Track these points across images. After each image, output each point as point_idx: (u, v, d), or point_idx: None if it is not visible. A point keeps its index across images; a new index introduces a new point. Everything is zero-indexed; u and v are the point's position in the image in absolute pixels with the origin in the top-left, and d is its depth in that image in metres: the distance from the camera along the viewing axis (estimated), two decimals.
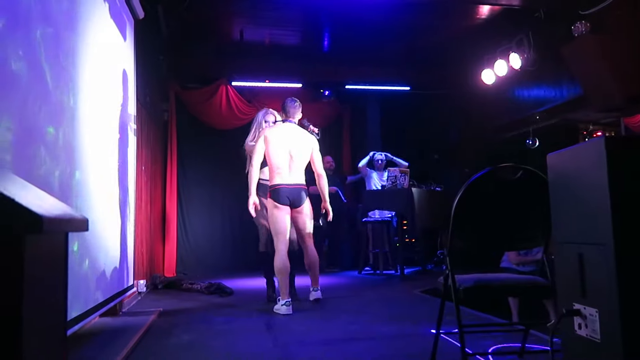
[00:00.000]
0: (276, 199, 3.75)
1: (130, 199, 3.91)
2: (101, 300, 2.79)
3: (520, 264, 4.62)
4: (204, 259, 6.91)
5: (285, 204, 3.75)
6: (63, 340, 0.88)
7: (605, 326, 1.50)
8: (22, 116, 1.79)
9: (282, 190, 3.74)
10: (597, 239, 1.55)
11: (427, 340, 2.34)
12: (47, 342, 0.77)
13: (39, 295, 0.67)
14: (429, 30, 6.16)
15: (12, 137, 1.69)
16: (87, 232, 2.56)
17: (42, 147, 1.96)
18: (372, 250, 6.44)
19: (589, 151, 1.62)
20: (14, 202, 0.56)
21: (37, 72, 1.95)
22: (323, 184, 3.99)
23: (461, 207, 2.07)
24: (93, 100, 2.78)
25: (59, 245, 0.78)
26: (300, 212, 3.83)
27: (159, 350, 2.58)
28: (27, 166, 1.80)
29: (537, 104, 5.94)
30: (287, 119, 3.92)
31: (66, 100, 2.30)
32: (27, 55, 1.84)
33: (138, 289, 4.35)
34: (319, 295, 3.94)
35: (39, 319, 0.70)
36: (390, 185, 6.05)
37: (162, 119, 6.69)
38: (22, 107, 1.80)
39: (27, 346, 0.63)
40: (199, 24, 5.88)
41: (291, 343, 2.72)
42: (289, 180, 3.78)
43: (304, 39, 6.58)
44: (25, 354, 0.63)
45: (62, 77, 2.25)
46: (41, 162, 1.94)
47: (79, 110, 2.49)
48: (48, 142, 2.04)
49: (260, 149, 3.79)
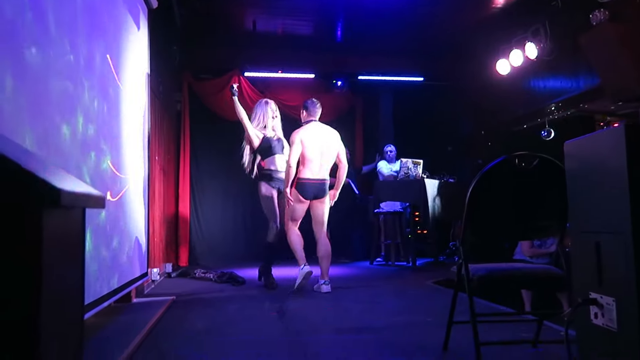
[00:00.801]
0: (302, 193, 4.08)
1: (144, 187, 3.94)
2: (116, 286, 2.82)
3: (533, 256, 4.58)
4: (216, 248, 6.96)
5: (308, 199, 4.11)
6: (80, 320, 0.89)
7: (622, 315, 1.48)
8: (39, 106, 1.81)
9: (309, 186, 4.09)
10: (615, 228, 1.52)
11: (439, 330, 2.33)
12: (64, 323, 0.77)
13: (56, 273, 0.68)
14: (443, 19, 6.09)
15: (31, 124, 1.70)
16: (104, 220, 2.59)
17: (59, 138, 1.98)
18: (384, 242, 6.44)
19: (608, 139, 1.59)
20: (33, 175, 0.56)
21: (51, 59, 1.96)
22: (342, 174, 4.28)
23: (476, 196, 2.05)
24: (108, 89, 2.80)
25: (77, 222, 0.78)
26: (321, 202, 4.15)
27: (172, 337, 2.61)
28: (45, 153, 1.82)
29: (553, 94, 5.85)
30: (311, 119, 4.24)
31: (81, 90, 2.31)
32: (40, 42, 1.85)
33: (152, 277, 4.40)
34: (328, 289, 3.99)
35: (56, 297, 0.71)
36: (403, 176, 6.02)
37: (175, 109, 6.72)
38: (39, 98, 1.81)
39: (45, 325, 0.63)
40: (212, 14, 5.88)
41: (303, 332, 2.73)
42: (318, 175, 4.11)
43: (317, 29, 6.55)
44: (43, 333, 0.64)
45: (79, 67, 2.26)
46: (59, 151, 1.96)
47: (95, 101, 2.51)
48: (64, 129, 2.06)
49: (297, 151, 4.06)
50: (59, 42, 2.02)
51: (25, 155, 0.71)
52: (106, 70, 2.78)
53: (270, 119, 4.45)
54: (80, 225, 0.80)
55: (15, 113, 1.59)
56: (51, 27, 1.94)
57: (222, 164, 7.09)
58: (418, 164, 6.06)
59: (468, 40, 6.54)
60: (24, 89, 1.68)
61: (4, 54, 1.53)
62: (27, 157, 0.70)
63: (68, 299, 0.79)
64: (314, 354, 2.26)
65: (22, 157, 0.63)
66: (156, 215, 4.95)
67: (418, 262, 5.90)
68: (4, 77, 1.51)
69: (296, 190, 4.09)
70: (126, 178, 3.23)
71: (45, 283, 0.61)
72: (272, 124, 4.46)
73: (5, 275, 0.59)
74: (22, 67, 1.67)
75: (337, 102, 7.40)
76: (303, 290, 4.07)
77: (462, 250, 2.12)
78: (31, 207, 0.58)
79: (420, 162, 6.08)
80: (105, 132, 2.73)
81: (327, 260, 4.08)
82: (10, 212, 0.58)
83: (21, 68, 1.67)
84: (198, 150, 7.05)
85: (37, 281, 0.59)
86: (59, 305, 0.72)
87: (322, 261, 4.07)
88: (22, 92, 1.67)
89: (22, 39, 1.68)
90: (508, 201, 2.13)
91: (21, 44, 1.67)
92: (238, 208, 7.20)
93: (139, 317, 3.01)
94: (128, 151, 3.31)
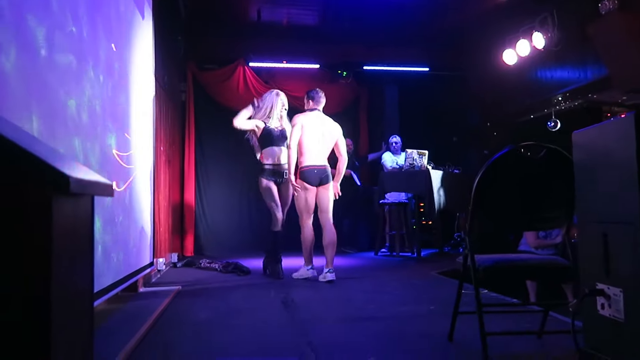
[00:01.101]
0: (307, 180, 4.13)
1: (149, 177, 3.95)
2: (122, 275, 2.84)
3: (539, 247, 4.56)
4: (221, 238, 6.98)
5: (314, 185, 4.14)
6: (89, 308, 0.90)
7: (630, 306, 1.48)
8: (46, 94, 1.81)
9: (313, 172, 4.13)
10: (623, 218, 1.51)
11: (444, 321, 2.33)
12: (74, 310, 0.78)
13: (66, 260, 0.68)
14: (449, 9, 6.03)
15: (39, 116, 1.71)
16: (110, 209, 2.60)
17: (68, 123, 1.98)
18: (389, 232, 6.44)
19: (617, 128, 1.57)
20: (43, 162, 0.56)
21: (59, 48, 1.96)
22: (342, 166, 4.33)
23: (482, 187, 2.04)
24: (114, 79, 2.79)
25: (86, 209, 0.78)
26: (326, 189, 4.20)
27: (178, 327, 2.63)
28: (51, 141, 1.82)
29: (560, 85, 5.80)
30: (315, 107, 4.26)
31: (90, 76, 2.31)
32: (49, 33, 1.84)
33: (157, 267, 4.43)
34: (333, 277, 4.01)
35: (66, 285, 0.71)
36: (408, 167, 6.01)
37: (180, 99, 6.72)
38: (45, 84, 1.81)
39: (56, 313, 0.64)
40: (216, 4, 5.85)
41: (309, 321, 2.74)
42: (318, 162, 4.15)
43: (322, 19, 6.50)
44: (54, 321, 0.64)
45: (85, 53, 2.26)
46: (66, 139, 1.97)
47: (102, 88, 2.51)
48: (69, 115, 2.06)
49: (297, 134, 4.11)
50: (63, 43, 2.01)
51: (33, 142, 0.71)
52: (111, 59, 2.78)
53: (279, 111, 4.44)
54: (89, 212, 0.80)
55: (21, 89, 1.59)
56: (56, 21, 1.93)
57: (227, 154, 7.09)
58: (423, 154, 6.03)
59: (474, 30, 6.48)
60: (28, 65, 1.68)
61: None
62: (35, 144, 0.70)
63: (77, 286, 0.79)
64: (319, 343, 2.27)
65: (30, 143, 0.63)
66: (161, 205, 4.96)
67: (423, 252, 5.90)
68: (8, 49, 1.51)
69: (301, 180, 4.13)
70: (132, 168, 3.23)
71: (54, 271, 0.61)
72: (279, 115, 4.45)
73: (15, 264, 0.59)
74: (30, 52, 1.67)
75: (342, 93, 7.37)
76: (309, 280, 4.09)
77: (468, 240, 2.12)
78: (41, 195, 0.58)
79: (425, 153, 6.06)
80: (110, 119, 2.73)
81: (332, 249, 4.12)
82: (20, 200, 0.58)
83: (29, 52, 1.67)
84: (203, 140, 7.05)
85: (47, 270, 0.59)
86: (69, 292, 0.72)
87: (327, 249, 4.11)
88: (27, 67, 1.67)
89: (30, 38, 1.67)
90: (514, 192, 2.12)
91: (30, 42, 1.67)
92: (243, 198, 7.21)
93: (145, 306, 3.03)
94: (134, 141, 3.31)
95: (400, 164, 6.31)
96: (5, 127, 0.64)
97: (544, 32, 5.65)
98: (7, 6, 1.50)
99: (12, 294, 0.59)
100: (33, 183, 0.58)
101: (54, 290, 0.60)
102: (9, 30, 1.52)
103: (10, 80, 1.49)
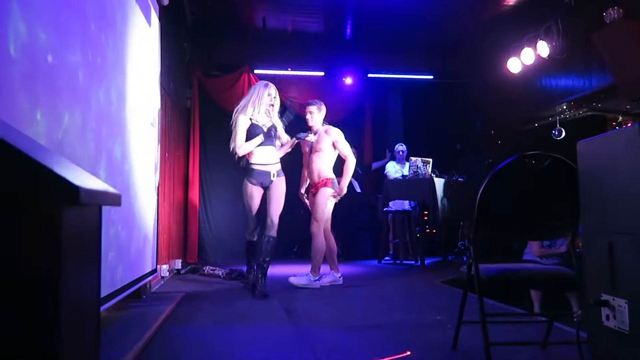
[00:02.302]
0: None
1: (154, 184, 3.96)
2: (126, 282, 2.84)
3: (543, 256, 4.54)
4: (225, 245, 6.98)
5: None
6: (96, 315, 0.90)
7: (635, 317, 1.47)
8: (52, 101, 1.82)
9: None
10: (628, 229, 1.51)
11: (448, 329, 2.32)
12: (82, 317, 0.78)
13: (74, 270, 0.69)
14: (453, 17, 6.05)
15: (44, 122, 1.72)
16: (114, 215, 2.60)
17: (75, 130, 2.00)
18: (393, 240, 6.42)
19: (622, 139, 1.58)
20: (53, 173, 0.57)
21: (64, 57, 1.98)
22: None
23: (486, 195, 2.04)
24: (120, 85, 2.81)
25: (94, 219, 0.79)
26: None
27: (181, 334, 2.63)
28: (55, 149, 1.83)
29: (565, 93, 5.80)
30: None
31: (94, 88, 2.33)
32: (60, 43, 1.86)
33: (161, 274, 4.43)
34: (294, 282, 4.10)
35: (75, 293, 0.72)
36: (412, 175, 6.01)
37: (185, 105, 6.75)
38: (52, 93, 1.83)
39: (64, 320, 0.64)
40: (222, 12, 5.89)
41: (312, 329, 2.73)
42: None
43: (327, 27, 6.54)
44: (62, 327, 0.64)
45: (90, 63, 2.28)
46: (69, 148, 1.98)
47: (107, 94, 2.53)
48: (76, 122, 2.07)
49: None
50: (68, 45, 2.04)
51: (42, 151, 0.71)
52: (116, 65, 2.80)
53: (265, 104, 3.99)
54: (96, 222, 0.81)
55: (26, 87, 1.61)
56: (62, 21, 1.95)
57: (232, 160, 7.07)
58: (427, 162, 6.03)
59: (479, 38, 6.50)
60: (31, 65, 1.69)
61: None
62: (44, 153, 0.70)
63: (85, 294, 0.80)
64: (323, 351, 2.26)
65: (39, 153, 0.63)
66: (165, 211, 4.98)
67: (426, 261, 5.89)
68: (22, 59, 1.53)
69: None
70: (136, 174, 3.25)
71: (63, 280, 0.61)
72: (265, 109, 4.02)
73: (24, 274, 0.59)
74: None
75: (346, 100, 7.39)
76: (311, 288, 4.08)
77: (472, 249, 2.11)
78: (51, 206, 0.59)
79: (429, 161, 6.06)
80: (115, 126, 2.74)
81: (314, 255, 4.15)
82: (30, 210, 0.59)
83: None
84: (207, 147, 7.07)
85: (56, 280, 0.60)
86: (77, 300, 0.73)
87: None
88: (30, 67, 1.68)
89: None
90: (519, 201, 2.12)
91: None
92: None
93: (148, 313, 3.03)
94: (139, 147, 3.33)
95: (404, 174, 6.30)
96: (15, 137, 0.65)
97: (549, 41, 5.65)
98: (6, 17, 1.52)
99: (21, 304, 0.60)
100: (44, 194, 0.58)
101: (63, 299, 0.60)
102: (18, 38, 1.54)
103: (16, 85, 1.51)
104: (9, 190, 0.57)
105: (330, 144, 4.28)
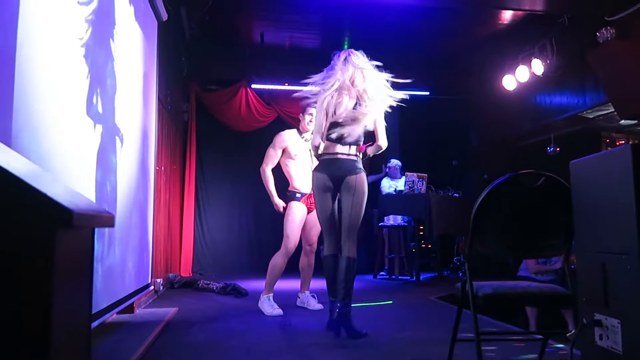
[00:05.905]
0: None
1: (149, 198, 3.95)
2: (120, 297, 2.82)
3: (538, 273, 4.55)
4: (220, 259, 6.96)
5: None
6: (87, 335, 0.90)
7: (627, 338, 1.47)
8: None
9: None
10: (621, 249, 1.52)
11: (442, 347, 2.31)
12: (73, 336, 0.78)
13: (67, 291, 0.69)
14: (450, 35, 6.12)
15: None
16: (110, 230, 2.60)
17: (70, 144, 2.00)
18: (388, 255, 6.41)
19: (614, 159, 1.59)
20: (46, 197, 0.57)
21: (62, 70, 1.99)
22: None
23: (481, 212, 2.05)
24: (117, 99, 2.83)
25: (86, 240, 0.79)
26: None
27: (175, 349, 2.60)
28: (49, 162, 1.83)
29: (559, 111, 5.86)
30: None
31: (90, 101, 2.34)
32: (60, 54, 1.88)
33: (155, 288, 4.40)
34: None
35: (66, 314, 0.72)
36: (408, 191, 6.02)
37: (182, 119, 6.77)
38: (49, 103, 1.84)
39: (56, 341, 0.64)
40: (220, 27, 5.94)
41: (307, 345, 2.72)
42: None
43: (324, 43, 6.60)
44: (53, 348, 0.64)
45: (88, 77, 2.29)
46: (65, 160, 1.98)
47: (103, 110, 2.54)
48: (71, 137, 2.08)
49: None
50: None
51: (35, 173, 0.72)
52: (114, 78, 2.81)
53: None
54: (89, 243, 0.81)
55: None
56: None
57: (228, 174, 7.12)
58: (423, 178, 6.05)
59: (474, 55, 6.56)
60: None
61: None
62: (37, 175, 0.71)
63: (76, 314, 0.80)
64: None
65: (31, 175, 0.64)
66: (161, 225, 4.96)
67: (422, 276, 5.87)
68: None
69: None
70: (131, 187, 3.24)
71: (55, 302, 0.61)
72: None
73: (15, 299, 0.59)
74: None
75: None
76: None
77: (466, 266, 2.11)
78: (44, 229, 0.59)
79: (425, 177, 6.08)
80: (110, 140, 2.75)
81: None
82: (23, 234, 0.59)
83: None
84: (204, 161, 7.09)
85: (47, 302, 0.60)
86: (68, 321, 0.73)
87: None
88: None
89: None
90: (513, 219, 2.12)
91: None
92: (242, 219, 7.21)
93: (142, 327, 3.00)
94: (135, 160, 3.33)
95: (399, 189, 6.31)
96: (8, 158, 0.66)
97: (543, 59, 5.73)
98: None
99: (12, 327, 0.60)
100: (37, 218, 0.59)
101: (54, 321, 0.60)
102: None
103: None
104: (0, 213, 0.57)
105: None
